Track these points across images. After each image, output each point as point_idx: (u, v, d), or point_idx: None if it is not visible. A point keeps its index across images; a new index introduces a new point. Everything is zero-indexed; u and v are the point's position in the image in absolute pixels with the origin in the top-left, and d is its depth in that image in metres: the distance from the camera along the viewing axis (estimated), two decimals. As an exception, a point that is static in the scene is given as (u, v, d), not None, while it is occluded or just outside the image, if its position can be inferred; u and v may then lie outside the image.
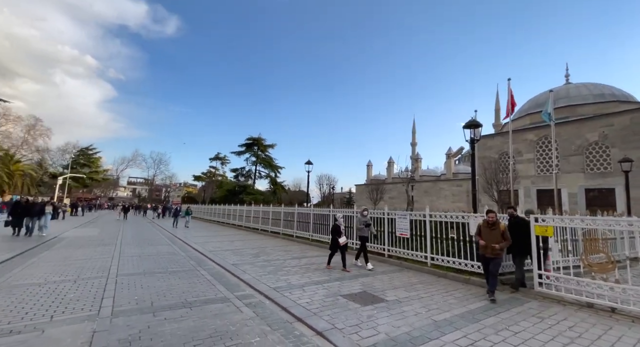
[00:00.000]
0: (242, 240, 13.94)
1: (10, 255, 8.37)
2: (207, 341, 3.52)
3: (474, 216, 7.07)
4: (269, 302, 5.05)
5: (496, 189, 21.52)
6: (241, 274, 6.97)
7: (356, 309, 4.70)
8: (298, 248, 11.35)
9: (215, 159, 58.47)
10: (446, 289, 6.11)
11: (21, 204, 12.64)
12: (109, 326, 3.88)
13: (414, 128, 52.45)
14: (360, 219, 8.27)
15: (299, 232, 13.76)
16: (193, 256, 9.34)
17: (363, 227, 8.06)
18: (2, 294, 5.12)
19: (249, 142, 48.79)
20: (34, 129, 47.90)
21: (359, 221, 8.24)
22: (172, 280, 6.37)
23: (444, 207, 30.37)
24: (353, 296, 5.41)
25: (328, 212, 11.99)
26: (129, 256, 9.01)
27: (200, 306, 4.76)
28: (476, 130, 8.77)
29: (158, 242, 12.65)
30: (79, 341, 3.43)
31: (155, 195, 77.71)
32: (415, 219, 8.47)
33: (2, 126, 43.85)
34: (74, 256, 8.76)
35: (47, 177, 50.35)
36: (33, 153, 49.15)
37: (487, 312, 4.76)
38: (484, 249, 5.58)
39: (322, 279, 6.63)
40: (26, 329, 3.70)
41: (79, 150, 59.16)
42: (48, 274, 6.54)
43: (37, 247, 10.01)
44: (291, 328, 3.99)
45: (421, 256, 8.03)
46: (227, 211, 24.69)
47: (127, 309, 4.53)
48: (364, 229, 8.06)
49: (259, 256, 9.43)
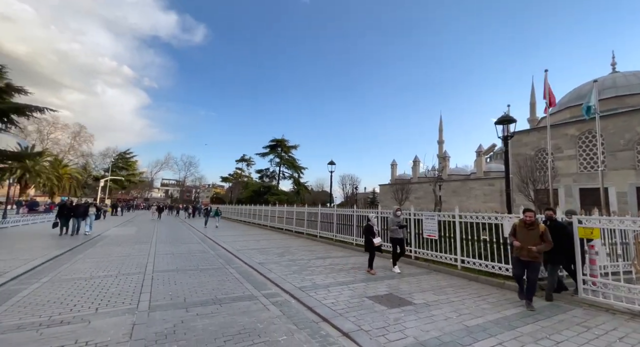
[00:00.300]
0: (268, 239, 14.23)
1: (60, 252, 9.18)
2: (237, 337, 3.62)
3: (508, 217, 6.68)
4: (294, 302, 5.11)
5: (532, 188, 20.18)
6: (267, 272, 7.11)
7: (382, 312, 4.62)
8: (322, 248, 11.38)
9: (241, 160, 60.26)
10: (478, 293, 5.82)
11: (66, 206, 13.68)
12: (147, 319, 4.13)
13: (440, 125, 50.70)
14: (393, 219, 7.83)
15: (322, 233, 13.80)
16: (222, 255, 9.69)
17: (396, 228, 7.63)
18: (54, 287, 5.63)
19: (273, 144, 49.78)
20: (79, 136, 52.39)
21: (392, 222, 7.80)
22: (203, 277, 6.64)
23: (474, 207, 29.02)
24: (379, 298, 5.32)
25: (351, 212, 11.90)
26: (163, 254, 9.53)
27: (229, 303, 4.92)
28: (509, 126, 8.28)
29: (189, 240, 13.26)
30: (120, 332, 3.69)
31: (186, 196, 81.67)
32: (443, 220, 8.16)
33: (52, 134, 48.40)
34: (115, 253, 9.43)
35: (90, 179, 54.68)
36: (78, 158, 53.78)
37: (524, 319, 4.47)
38: (518, 250, 5.13)
39: (346, 279, 6.59)
40: (74, 320, 4.04)
41: (118, 155, 63.60)
42: (93, 270, 7.09)
43: (82, 245, 10.90)
44: (317, 328, 4.00)
45: (451, 258, 7.72)
46: (252, 211, 25.34)
47: (163, 304, 4.79)
48: (397, 231, 7.63)
49: (284, 255, 9.57)
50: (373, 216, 7.95)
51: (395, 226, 7.66)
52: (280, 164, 49.91)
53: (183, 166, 72.82)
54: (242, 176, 60.69)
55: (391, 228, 7.75)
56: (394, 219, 7.84)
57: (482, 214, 7.28)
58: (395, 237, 7.65)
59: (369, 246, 7.41)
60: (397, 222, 7.72)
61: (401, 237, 7.67)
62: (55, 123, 48.45)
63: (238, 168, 61.35)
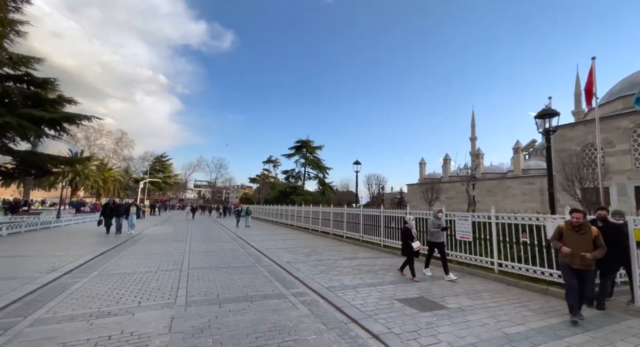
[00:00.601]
0: (294, 239, 14.41)
1: (106, 248, 9.97)
2: (268, 334, 3.70)
3: (551, 218, 6.18)
4: (322, 301, 5.12)
5: (579, 187, 18.56)
6: (295, 271, 7.20)
7: (413, 315, 4.48)
8: (349, 249, 11.30)
9: (268, 162, 61.78)
10: (518, 299, 5.45)
11: (109, 206, 14.78)
12: (184, 313, 4.35)
13: (473, 121, 48.30)
14: (434, 221, 7.21)
15: (349, 233, 13.70)
16: (251, 253, 9.97)
17: (438, 231, 7.05)
18: (102, 281, 6.12)
19: (298, 145, 50.43)
20: (121, 141, 56.67)
21: (433, 224, 7.19)
22: (234, 275, 6.87)
23: (512, 207, 27.29)
24: (409, 300, 5.16)
25: (378, 213, 11.69)
26: (197, 252, 10.00)
27: (259, 300, 5.04)
28: (552, 119, 7.65)
29: (221, 239, 13.80)
30: (160, 325, 3.92)
31: (217, 196, 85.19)
32: (478, 221, 7.75)
33: (98, 140, 52.78)
34: (154, 250, 10.05)
35: (131, 182, 58.87)
36: (121, 162, 58.14)
37: (572, 328, 4.11)
38: (569, 258, 4.48)
39: (375, 281, 6.48)
40: (120, 312, 4.35)
41: (155, 158, 67.87)
42: (135, 266, 7.62)
43: (126, 242, 11.75)
44: (346, 329, 3.97)
45: (486, 262, 7.31)
46: (279, 211, 25.83)
47: (198, 299, 5.03)
48: (438, 234, 7.05)
49: (310, 255, 9.63)
50: (411, 218, 7.36)
51: (436, 229, 7.09)
52: (305, 165, 50.44)
53: (214, 168, 76.28)
54: (269, 176, 62.16)
55: (431, 230, 7.16)
56: (434, 221, 7.22)
57: (521, 215, 6.81)
58: (436, 241, 7.08)
59: (408, 250, 6.89)
60: (438, 225, 7.14)
61: (442, 241, 7.12)
62: (101, 130, 52.87)
63: (265, 169, 63.00)
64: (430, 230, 7.21)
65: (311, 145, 50.27)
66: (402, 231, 7.37)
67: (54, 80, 14.74)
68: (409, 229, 7.07)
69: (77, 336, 3.51)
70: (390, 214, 11.08)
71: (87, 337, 3.48)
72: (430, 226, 7.28)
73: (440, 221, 7.28)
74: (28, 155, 14.70)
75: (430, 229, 7.24)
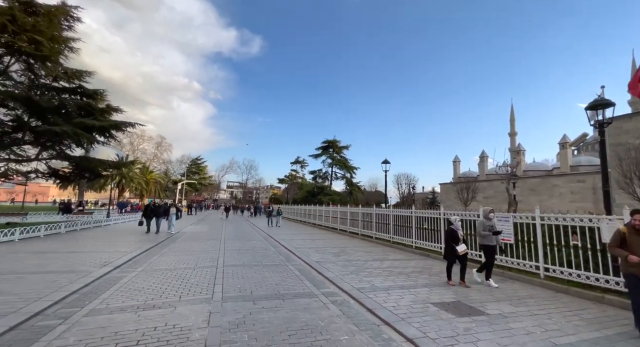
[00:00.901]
0: (323, 239, 14.45)
1: (150, 246, 10.72)
2: (300, 332, 3.74)
3: (607, 219, 5.58)
4: (353, 302, 5.07)
5: (639, 185, 16.58)
6: (325, 271, 7.21)
7: (450, 320, 4.27)
8: (378, 250, 11.09)
9: (295, 162, 62.67)
10: (568, 307, 4.99)
11: (150, 206, 15.79)
12: (221, 309, 4.54)
13: (512, 116, 45.28)
14: (483, 223, 6.50)
15: (378, 234, 13.45)
16: (282, 252, 10.16)
17: (488, 234, 6.33)
18: (147, 276, 6.58)
19: (325, 145, 50.57)
20: (160, 146, 60.56)
21: (483, 226, 6.45)
22: (266, 273, 7.05)
23: (558, 207, 25.12)
24: (445, 305, 4.94)
25: (409, 213, 11.34)
26: (231, 250, 10.41)
27: (291, 299, 5.12)
28: (605, 110, 6.89)
29: (253, 238, 14.24)
30: (199, 318, 4.12)
31: (247, 197, 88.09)
32: (520, 222, 7.22)
33: (140, 145, 56.87)
34: (192, 248, 10.63)
35: (170, 183, 62.74)
36: (160, 164, 62.12)
37: (633, 340, 3.68)
38: (636, 267, 3.85)
39: (407, 283, 6.29)
40: (163, 305, 4.65)
41: (191, 161, 71.67)
42: (175, 262, 8.11)
43: (166, 240, 12.55)
44: (378, 331, 3.90)
45: (530, 266, 6.79)
46: (307, 210, 26.08)
47: (233, 296, 5.22)
48: (489, 237, 6.33)
49: (339, 255, 9.60)
50: (456, 219, 6.71)
51: (487, 232, 6.32)
52: (332, 165, 50.46)
53: (245, 169, 78.85)
54: (297, 177, 63.03)
55: (481, 233, 6.42)
56: (485, 222, 6.48)
57: (571, 216, 6.23)
58: (489, 245, 6.33)
59: (451, 254, 6.33)
60: (490, 227, 6.39)
61: (495, 245, 6.44)
62: (143, 136, 56.94)
63: (293, 170, 64.00)
64: (480, 232, 6.45)
65: (338, 145, 50.19)
66: (446, 232, 6.77)
67: (102, 91, 16.18)
68: (454, 230, 6.44)
69: (127, 326, 3.81)
70: (423, 215, 10.70)
71: (135, 328, 3.76)
72: (480, 227, 6.52)
73: (491, 222, 6.50)
74: (82, 160, 16.27)
75: (479, 232, 6.48)
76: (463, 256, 6.30)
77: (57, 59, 14.27)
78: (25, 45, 12.43)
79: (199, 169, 71.61)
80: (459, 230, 6.50)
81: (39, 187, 77.98)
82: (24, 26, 12.49)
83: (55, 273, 6.32)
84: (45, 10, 13.61)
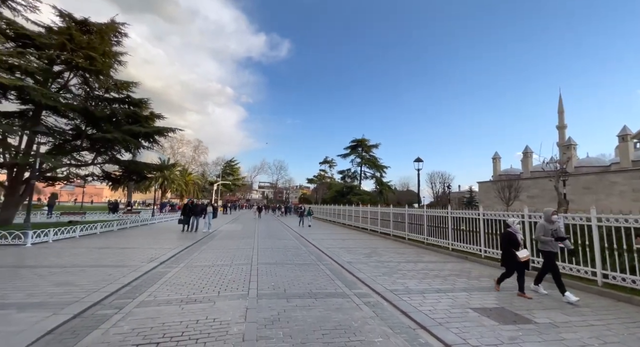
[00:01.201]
0: (353, 239, 14.34)
1: (190, 243, 11.40)
2: (333, 332, 3.75)
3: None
4: (387, 304, 4.97)
5: None
6: (356, 272, 7.15)
7: (493, 327, 4.02)
8: (412, 251, 10.75)
9: (324, 162, 62.95)
10: (632, 318, 4.46)
11: (188, 206, 16.71)
12: (256, 305, 4.69)
13: (560, 107, 41.52)
14: (545, 227, 5.63)
15: (411, 235, 13.04)
16: (312, 252, 10.25)
17: (551, 240, 5.53)
18: (188, 271, 7.01)
19: (354, 144, 50.12)
20: (198, 149, 64.22)
21: (544, 230, 5.61)
22: (298, 271, 7.16)
23: (618, 207, 22.54)
24: (487, 310, 4.66)
25: (446, 214, 10.85)
26: (264, 248, 10.73)
27: (323, 298, 5.15)
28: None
29: (284, 237, 14.55)
30: (237, 314, 4.30)
31: (278, 197, 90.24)
32: (573, 224, 6.58)
33: (180, 148, 60.68)
34: (228, 246, 11.12)
35: (207, 184, 66.24)
36: (198, 167, 65.83)
37: None
38: None
39: (444, 287, 6.02)
40: (204, 300, 4.92)
41: (225, 163, 75.00)
42: (214, 259, 8.53)
43: (205, 238, 13.26)
44: (414, 335, 3.78)
45: (586, 272, 6.17)
46: (337, 210, 26.06)
47: (268, 293, 5.37)
48: (552, 243, 5.53)
49: (371, 256, 9.46)
50: (516, 221, 5.97)
51: (549, 237, 5.54)
52: (361, 164, 49.86)
53: (275, 170, 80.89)
54: (325, 177, 63.26)
55: (542, 238, 5.60)
56: (546, 225, 5.64)
57: (634, 216, 5.55)
58: (551, 251, 5.55)
59: (510, 260, 5.62)
60: (553, 231, 5.58)
61: (557, 252, 5.81)
62: (182, 140, 60.75)
63: (321, 170, 64.35)
64: (540, 237, 5.63)
65: (367, 144, 49.48)
66: (503, 236, 6.07)
67: (146, 100, 17.51)
68: (513, 234, 5.75)
69: (172, 318, 4.08)
70: (460, 215, 10.19)
71: (180, 320, 4.02)
72: (540, 231, 5.67)
73: (554, 225, 5.64)
74: (130, 164, 17.74)
75: (539, 237, 5.67)
76: (525, 263, 5.59)
77: (109, 72, 15.72)
78: (81, 61, 13.85)
79: (232, 170, 74.74)
80: (518, 233, 5.79)
81: (94, 189, 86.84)
82: (80, 44, 13.91)
83: (109, 267, 6.97)
84: (97, 28, 15.04)
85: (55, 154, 14.69)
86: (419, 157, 16.83)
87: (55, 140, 15.66)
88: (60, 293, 4.91)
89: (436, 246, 11.04)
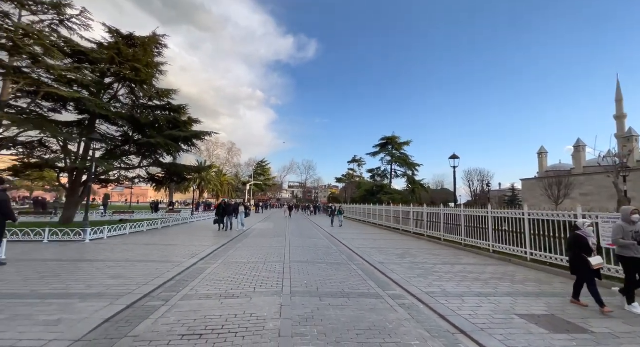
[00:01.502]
0: (385, 239, 14.06)
1: (226, 241, 11.93)
2: (368, 332, 3.71)
3: None
4: (423, 307, 4.81)
5: None
6: (389, 273, 7.01)
7: (542, 335, 3.72)
8: (448, 253, 10.29)
9: (353, 161, 62.30)
10: None
11: (221, 205, 17.37)
12: (290, 302, 4.79)
13: (618, 95, 37.32)
14: (624, 228, 4.93)
15: (447, 235, 12.48)
16: (343, 251, 10.23)
17: (632, 243, 4.79)
18: (226, 268, 7.34)
19: (383, 142, 48.94)
20: (231, 151, 67.12)
21: (623, 232, 4.91)
22: (330, 271, 7.19)
23: (690, 206, 19.62)
24: (535, 317, 4.32)
25: (486, 213, 10.22)
26: (295, 246, 10.92)
27: (356, 298, 5.12)
28: None
29: (315, 236, 14.68)
30: (272, 310, 4.43)
31: (307, 196, 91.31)
32: None
33: (215, 151, 63.80)
34: (262, 244, 11.48)
35: (240, 184, 68.99)
36: (232, 168, 68.79)
37: None
38: None
39: (485, 291, 5.69)
40: (241, 295, 5.12)
41: (257, 164, 77.50)
42: (248, 256, 8.86)
43: (239, 236, 13.82)
44: (454, 340, 3.61)
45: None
46: (367, 210, 25.72)
47: (300, 291, 5.46)
48: (635, 247, 4.78)
49: (404, 257, 9.21)
50: (586, 223, 5.23)
51: (629, 240, 4.81)
52: (391, 162, 48.59)
53: (304, 170, 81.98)
54: (354, 176, 62.65)
55: (620, 241, 4.90)
56: (625, 227, 4.93)
57: None
58: (634, 257, 4.78)
59: (580, 266, 4.99)
60: (634, 233, 4.83)
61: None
62: (217, 143, 63.93)
63: (350, 169, 63.82)
64: (619, 240, 4.92)
65: (397, 141, 48.04)
66: (570, 239, 5.35)
67: (184, 106, 18.67)
68: (582, 237, 5.04)
69: (213, 312, 4.31)
70: (502, 215, 9.55)
71: (220, 314, 4.24)
72: (619, 234, 4.95)
73: (635, 226, 4.90)
74: (171, 166, 19.04)
75: (617, 240, 4.94)
76: (597, 271, 4.96)
77: (151, 81, 17.00)
78: (128, 73, 15.13)
79: (263, 170, 77.03)
80: (589, 237, 5.05)
81: (140, 190, 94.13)
82: (127, 57, 15.20)
83: (156, 262, 7.53)
84: (141, 41, 16.31)
85: (108, 159, 16.20)
86: (454, 154, 16.00)
87: (107, 146, 17.28)
88: (115, 285, 5.41)
89: (475, 247, 10.46)
